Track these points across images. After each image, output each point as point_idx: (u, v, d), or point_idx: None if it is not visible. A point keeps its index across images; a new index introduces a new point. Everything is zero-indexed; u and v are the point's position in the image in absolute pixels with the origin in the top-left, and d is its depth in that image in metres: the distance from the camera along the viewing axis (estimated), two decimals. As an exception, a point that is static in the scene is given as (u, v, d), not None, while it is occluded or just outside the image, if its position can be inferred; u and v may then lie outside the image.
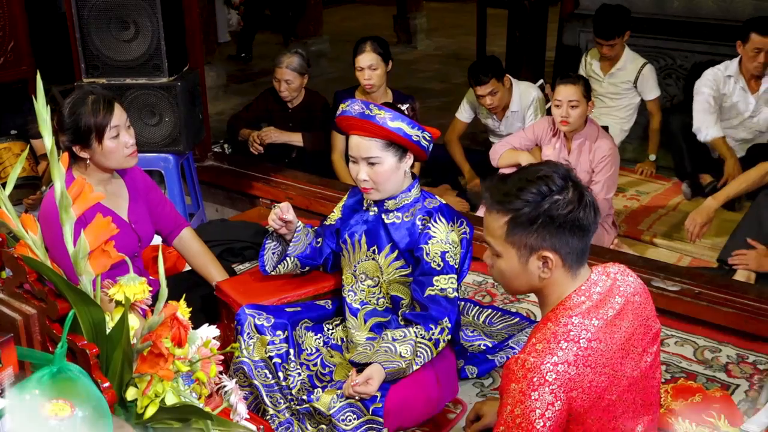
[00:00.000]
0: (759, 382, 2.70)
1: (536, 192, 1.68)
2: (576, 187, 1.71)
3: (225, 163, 4.65)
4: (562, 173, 1.72)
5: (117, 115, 2.58)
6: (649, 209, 4.40)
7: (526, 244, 1.71)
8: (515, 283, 1.79)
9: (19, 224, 1.51)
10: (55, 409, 1.26)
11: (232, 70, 7.68)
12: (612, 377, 1.67)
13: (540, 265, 1.72)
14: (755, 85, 4.33)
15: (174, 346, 1.46)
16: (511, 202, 1.70)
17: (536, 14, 5.99)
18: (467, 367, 2.76)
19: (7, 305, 1.50)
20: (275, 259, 2.69)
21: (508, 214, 1.71)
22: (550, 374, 1.60)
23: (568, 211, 1.68)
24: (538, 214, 1.67)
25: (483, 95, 4.36)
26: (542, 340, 1.65)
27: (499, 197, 1.72)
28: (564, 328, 1.66)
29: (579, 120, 3.75)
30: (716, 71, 4.41)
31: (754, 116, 4.39)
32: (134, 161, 2.68)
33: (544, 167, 1.74)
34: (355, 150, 2.48)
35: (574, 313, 1.68)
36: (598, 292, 1.73)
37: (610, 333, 1.68)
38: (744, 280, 3.36)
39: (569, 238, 1.69)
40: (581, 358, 1.63)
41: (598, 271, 1.78)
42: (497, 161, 4.04)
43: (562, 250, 1.70)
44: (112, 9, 3.51)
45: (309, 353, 2.59)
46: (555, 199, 1.68)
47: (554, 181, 1.69)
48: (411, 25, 9.06)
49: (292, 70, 4.56)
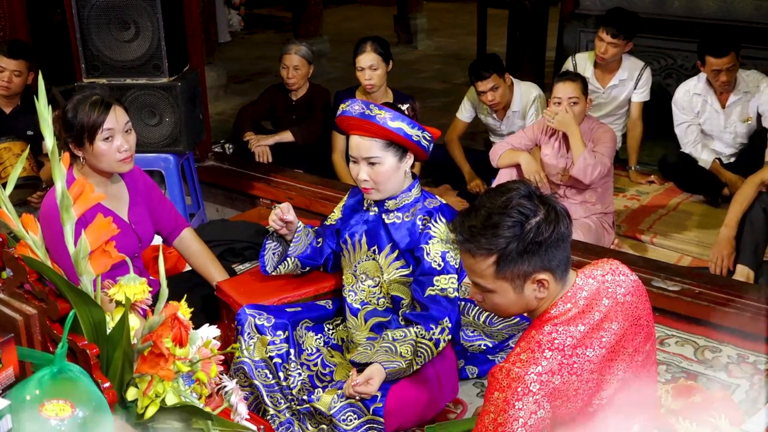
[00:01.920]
0: (759, 382, 2.70)
1: (512, 224, 1.65)
2: (543, 201, 1.69)
3: (225, 163, 4.65)
4: (525, 193, 1.68)
5: (113, 119, 2.56)
6: (649, 209, 4.40)
7: (519, 274, 1.68)
8: (511, 310, 1.77)
9: (20, 224, 1.51)
10: (56, 409, 1.26)
11: (232, 70, 7.68)
12: (600, 382, 1.67)
13: (536, 288, 1.71)
14: (725, 99, 4.31)
15: (175, 346, 1.46)
16: (491, 242, 1.65)
17: (536, 14, 5.99)
18: (468, 367, 2.76)
19: (8, 305, 1.50)
20: (276, 259, 2.69)
21: (494, 255, 1.66)
22: (534, 384, 1.60)
23: (552, 230, 1.66)
24: (526, 244, 1.65)
25: (484, 91, 4.36)
26: (526, 349, 1.65)
27: (476, 240, 1.67)
28: (548, 336, 1.65)
29: (578, 117, 3.75)
30: (685, 91, 4.40)
31: (728, 130, 4.37)
32: (127, 167, 2.64)
33: (505, 194, 1.69)
34: (355, 150, 2.48)
35: (559, 321, 1.68)
36: (584, 297, 1.72)
37: (597, 337, 1.68)
38: (744, 280, 3.37)
39: (555, 252, 1.68)
40: (566, 366, 1.62)
41: (583, 275, 1.77)
42: (497, 161, 4.04)
43: (551, 266, 1.69)
44: (112, 9, 3.52)
45: (309, 353, 2.59)
46: (534, 223, 1.65)
47: (524, 206, 1.66)
48: (411, 25, 9.06)
49: (302, 56, 4.61)
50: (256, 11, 10.70)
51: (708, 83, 4.30)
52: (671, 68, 5.27)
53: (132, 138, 2.64)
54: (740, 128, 4.34)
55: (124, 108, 2.66)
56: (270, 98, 4.87)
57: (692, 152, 4.39)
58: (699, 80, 4.36)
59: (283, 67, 4.65)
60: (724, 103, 4.31)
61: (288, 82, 4.66)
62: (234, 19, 8.93)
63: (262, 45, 9.20)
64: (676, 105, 4.43)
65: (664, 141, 4.86)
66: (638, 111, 4.73)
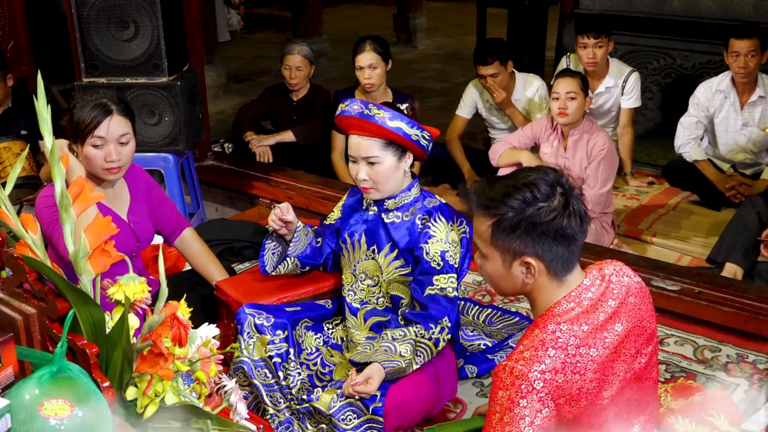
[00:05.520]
0: (759, 381, 2.70)
1: (521, 199, 1.68)
2: (564, 194, 1.70)
3: (225, 162, 4.65)
4: (551, 180, 1.71)
5: (106, 128, 2.51)
6: (649, 209, 4.40)
7: (509, 248, 1.71)
8: (501, 284, 1.81)
9: (19, 224, 1.51)
10: (55, 408, 1.26)
11: (231, 70, 7.69)
12: (602, 382, 1.67)
13: (523, 271, 1.72)
14: (746, 98, 4.30)
15: (174, 345, 1.46)
16: (496, 207, 1.70)
17: (536, 14, 5.99)
18: (467, 366, 2.76)
19: (7, 305, 1.50)
20: (275, 259, 2.69)
21: (493, 218, 1.71)
22: (538, 382, 1.60)
23: (551, 218, 1.67)
24: (521, 220, 1.68)
25: (485, 75, 4.37)
26: (530, 347, 1.65)
27: (485, 201, 1.73)
28: (552, 335, 1.65)
29: (577, 113, 3.76)
30: (707, 87, 4.38)
31: (743, 132, 4.35)
32: (113, 177, 2.59)
33: (534, 173, 1.73)
34: (354, 150, 2.48)
35: (563, 319, 1.68)
36: (590, 298, 1.72)
37: (600, 338, 1.68)
38: (731, 276, 3.38)
39: (553, 245, 1.69)
40: (569, 365, 1.62)
41: (592, 275, 1.77)
42: (497, 161, 4.04)
43: (545, 257, 1.70)
44: (112, 9, 3.52)
45: (309, 353, 2.59)
46: (539, 206, 1.68)
47: (539, 189, 1.69)
48: (411, 25, 9.07)
49: (304, 56, 4.61)
50: (256, 11, 10.70)
51: (732, 82, 4.30)
52: (671, 68, 5.27)
53: (127, 150, 2.57)
54: (756, 134, 4.33)
55: (130, 118, 2.61)
56: (270, 98, 4.87)
57: (684, 140, 4.36)
58: (724, 77, 4.36)
59: (285, 68, 4.65)
60: (744, 104, 4.31)
61: (290, 82, 4.65)
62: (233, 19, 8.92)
63: (261, 44, 9.20)
64: (694, 100, 4.40)
65: (664, 141, 4.86)
66: (628, 117, 4.59)
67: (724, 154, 4.44)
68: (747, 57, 4.14)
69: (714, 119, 4.39)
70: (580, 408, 1.64)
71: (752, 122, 4.31)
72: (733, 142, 4.39)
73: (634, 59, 5.22)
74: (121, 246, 2.45)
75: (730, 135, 4.39)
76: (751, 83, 4.25)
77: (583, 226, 1.72)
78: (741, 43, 4.15)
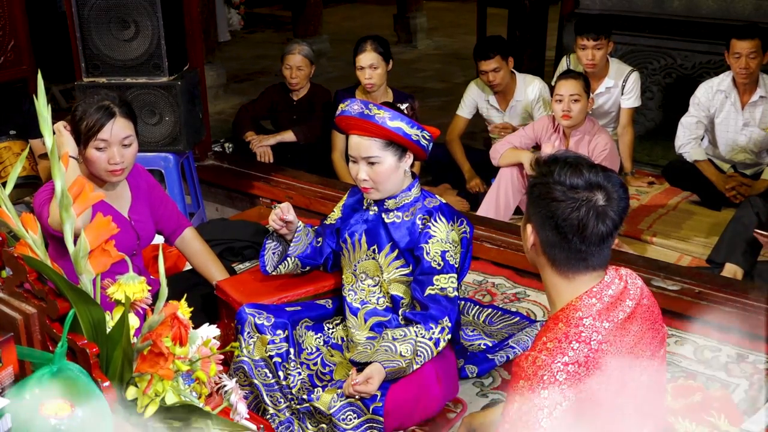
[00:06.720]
0: (759, 381, 2.70)
1: (570, 183, 1.65)
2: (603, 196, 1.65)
3: (225, 162, 4.65)
4: (608, 185, 1.66)
5: (109, 130, 2.51)
6: (649, 209, 4.39)
7: (528, 207, 1.74)
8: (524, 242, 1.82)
9: (19, 223, 1.51)
10: (55, 408, 1.26)
11: (231, 70, 7.69)
12: (620, 381, 1.66)
13: (530, 234, 1.74)
14: (747, 99, 4.30)
15: (174, 345, 1.46)
16: (551, 169, 1.69)
17: (536, 14, 5.99)
18: (467, 366, 2.76)
19: (7, 304, 1.50)
20: (276, 259, 2.69)
21: (537, 178, 1.73)
22: (561, 374, 1.58)
23: (538, 194, 1.68)
24: (540, 191, 1.68)
25: (486, 71, 4.37)
26: (553, 339, 1.63)
27: (553, 166, 1.70)
28: (575, 329, 1.64)
29: (580, 115, 3.76)
30: (708, 87, 4.38)
31: (744, 133, 4.34)
32: (116, 179, 2.60)
33: (604, 171, 1.69)
34: (354, 150, 2.48)
35: (585, 314, 1.67)
36: (610, 295, 1.71)
37: (619, 336, 1.67)
38: (731, 276, 3.38)
39: (551, 235, 1.68)
40: (592, 360, 1.61)
41: (611, 274, 1.76)
42: (498, 160, 4.04)
43: (541, 235, 1.70)
44: (112, 8, 3.52)
45: (309, 352, 2.59)
46: (545, 181, 1.68)
47: (590, 185, 1.65)
48: (411, 25, 9.07)
49: (305, 56, 4.61)
50: (256, 10, 10.70)
51: (733, 82, 4.31)
52: (671, 68, 5.27)
53: (130, 152, 2.57)
54: (756, 134, 4.32)
55: (133, 119, 2.61)
56: (270, 98, 4.87)
57: (684, 140, 4.37)
58: (725, 77, 4.36)
59: (286, 68, 4.65)
60: (745, 104, 4.32)
61: (291, 82, 4.65)
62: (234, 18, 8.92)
63: (261, 44, 9.20)
64: (695, 100, 4.40)
65: (664, 141, 4.86)
66: (628, 117, 4.59)
67: (725, 155, 4.44)
68: (748, 58, 4.15)
69: (714, 119, 4.39)
70: (598, 404, 1.63)
71: (753, 122, 4.31)
72: (734, 142, 4.39)
73: (634, 59, 5.23)
74: (123, 244, 2.46)
75: (731, 135, 4.39)
76: (752, 83, 4.26)
77: (600, 236, 1.67)
78: (742, 44, 4.15)
